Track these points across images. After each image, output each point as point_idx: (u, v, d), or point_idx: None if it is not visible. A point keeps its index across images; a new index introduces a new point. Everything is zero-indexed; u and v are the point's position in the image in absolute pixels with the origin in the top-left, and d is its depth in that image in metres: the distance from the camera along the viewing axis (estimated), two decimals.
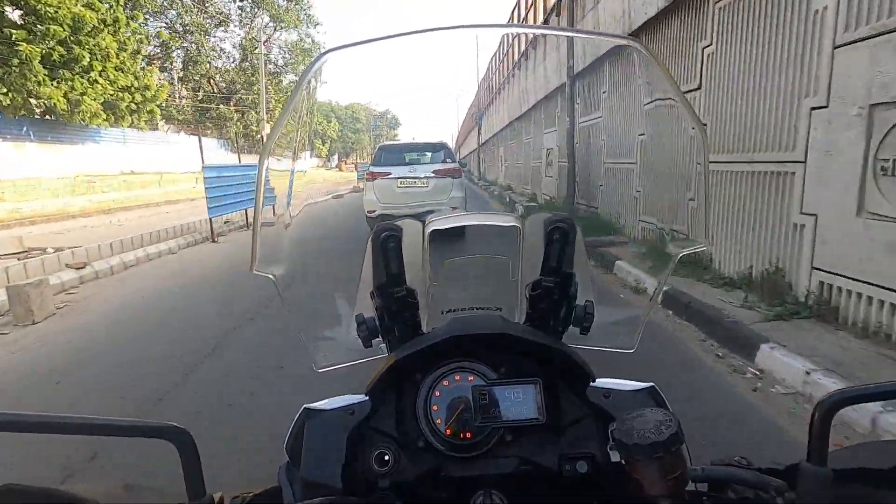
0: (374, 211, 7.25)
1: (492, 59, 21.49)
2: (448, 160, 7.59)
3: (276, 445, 0.57)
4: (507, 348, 0.58)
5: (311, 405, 0.58)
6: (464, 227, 0.70)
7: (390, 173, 7.22)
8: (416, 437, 0.56)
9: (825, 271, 3.27)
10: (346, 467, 0.53)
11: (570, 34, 5.80)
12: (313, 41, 30.48)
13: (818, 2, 3.25)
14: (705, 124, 4.48)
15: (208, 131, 26.41)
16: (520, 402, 0.56)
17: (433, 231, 0.65)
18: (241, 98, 28.73)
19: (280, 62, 31.35)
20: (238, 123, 27.55)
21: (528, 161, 13.82)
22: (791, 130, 3.53)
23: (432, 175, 7.14)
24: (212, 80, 28.36)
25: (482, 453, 0.56)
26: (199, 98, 27.96)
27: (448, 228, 0.66)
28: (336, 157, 57.76)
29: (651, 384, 0.57)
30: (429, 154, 7.81)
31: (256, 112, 27.34)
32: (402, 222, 0.57)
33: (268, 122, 25.17)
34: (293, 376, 2.80)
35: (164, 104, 20.60)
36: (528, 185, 13.79)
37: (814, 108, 3.31)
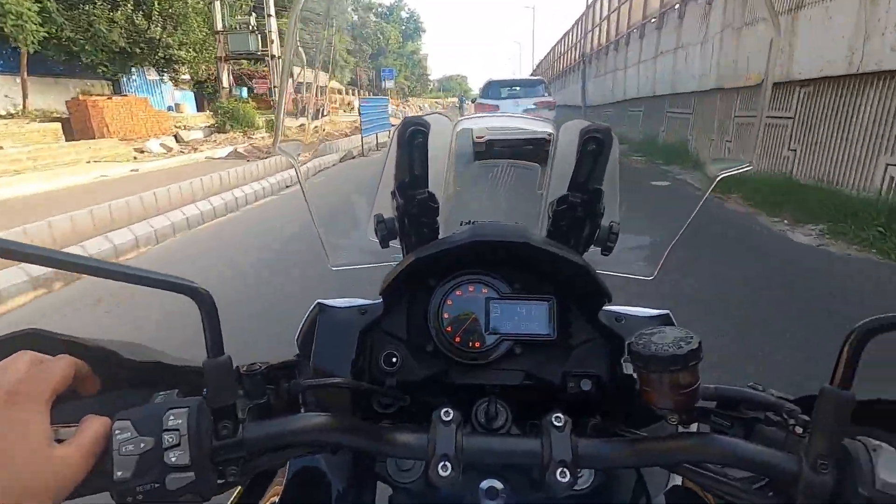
0: (482, 137, 8.80)
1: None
2: (545, 94, 9.27)
3: None
4: (526, 262, 0.57)
5: (324, 301, 0.58)
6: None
7: (498, 107, 8.87)
8: (426, 342, 0.57)
9: None
10: (355, 363, 0.54)
11: None
12: None
13: None
14: None
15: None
16: (532, 317, 0.55)
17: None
18: None
19: None
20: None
21: None
22: None
23: (532, 107, 8.63)
24: None
25: (489, 363, 0.56)
26: None
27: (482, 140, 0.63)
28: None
29: (666, 311, 0.54)
30: (525, 88, 9.50)
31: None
32: (430, 117, 0.53)
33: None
34: None
35: None
36: None
37: None
